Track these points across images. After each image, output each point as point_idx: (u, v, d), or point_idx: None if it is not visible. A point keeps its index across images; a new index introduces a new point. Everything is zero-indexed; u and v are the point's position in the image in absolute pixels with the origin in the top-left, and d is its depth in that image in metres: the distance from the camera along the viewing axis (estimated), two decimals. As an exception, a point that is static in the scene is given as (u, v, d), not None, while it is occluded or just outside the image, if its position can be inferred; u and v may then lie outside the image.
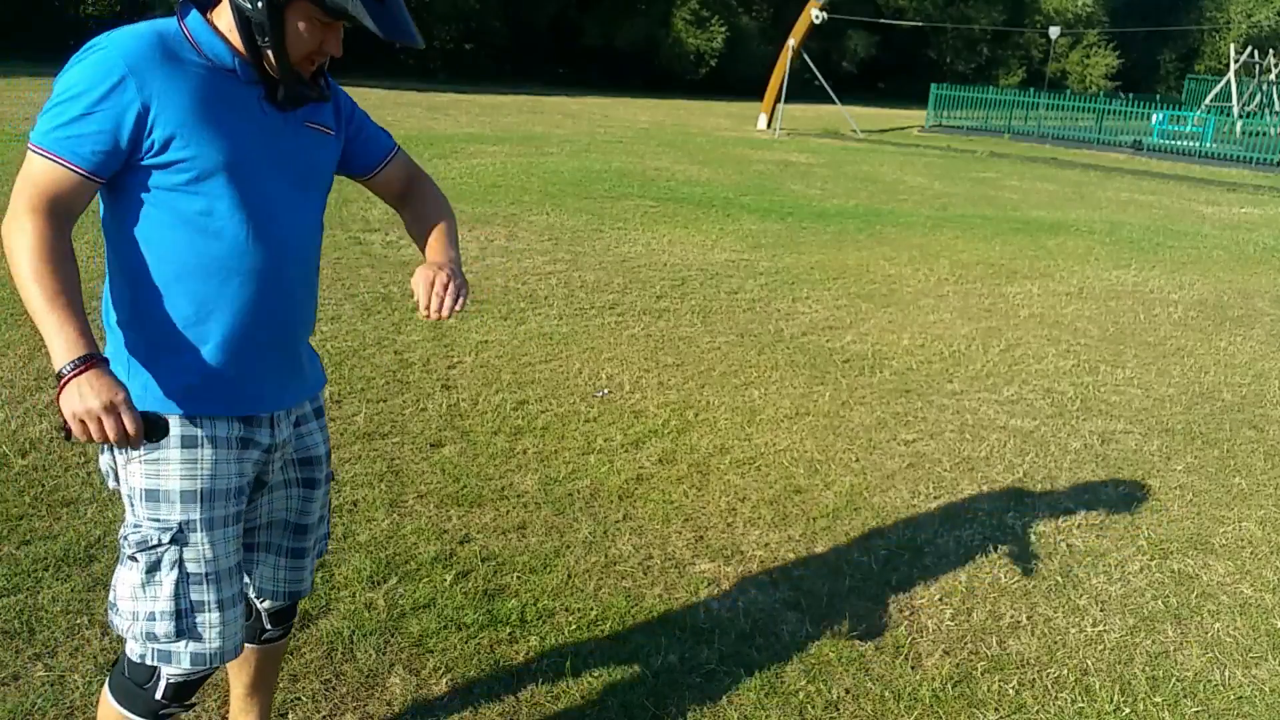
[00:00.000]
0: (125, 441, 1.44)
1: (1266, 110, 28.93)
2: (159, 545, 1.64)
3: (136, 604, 1.66)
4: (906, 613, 2.97)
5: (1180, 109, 25.91)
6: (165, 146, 1.53)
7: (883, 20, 32.95)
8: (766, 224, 9.47)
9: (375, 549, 3.06)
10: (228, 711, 2.24)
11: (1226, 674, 2.77)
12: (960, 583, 3.17)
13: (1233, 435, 4.65)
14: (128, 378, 1.60)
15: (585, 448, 3.97)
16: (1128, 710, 2.59)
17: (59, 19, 27.00)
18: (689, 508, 3.54)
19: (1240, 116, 26.35)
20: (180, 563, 1.64)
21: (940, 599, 3.06)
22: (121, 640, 1.74)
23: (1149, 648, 2.88)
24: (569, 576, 3.02)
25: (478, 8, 30.78)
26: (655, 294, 6.44)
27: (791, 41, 22.04)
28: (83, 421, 1.41)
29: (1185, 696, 2.66)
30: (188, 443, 1.64)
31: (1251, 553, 3.51)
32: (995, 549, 3.40)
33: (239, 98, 1.61)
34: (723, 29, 33.79)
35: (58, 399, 1.42)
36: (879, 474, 3.95)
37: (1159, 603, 3.13)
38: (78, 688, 2.34)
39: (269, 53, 1.57)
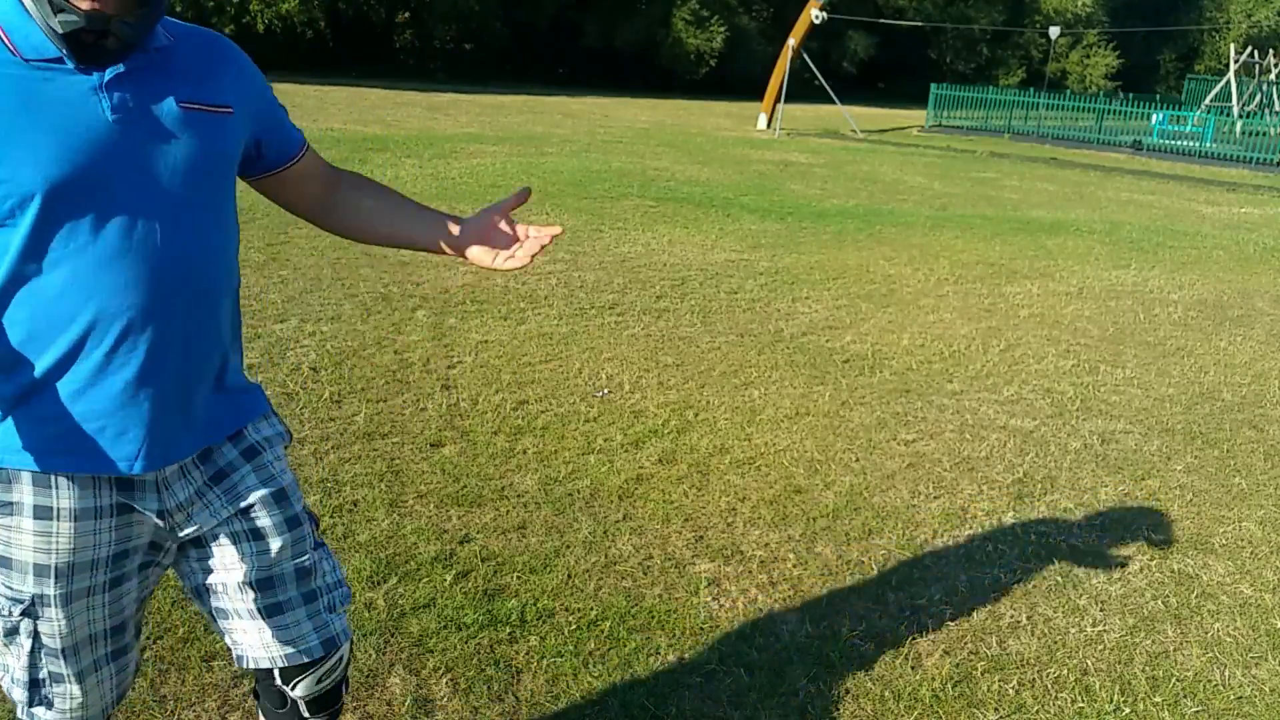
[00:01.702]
0: None
1: (1266, 110, 28.94)
2: (10, 615, 1.46)
3: (2, 657, 1.51)
4: (906, 613, 2.97)
5: (1180, 109, 25.91)
6: None
7: (883, 20, 32.97)
8: (766, 224, 9.47)
9: (375, 549, 3.06)
10: (230, 715, 2.24)
11: (1226, 674, 2.78)
12: (960, 583, 3.17)
13: (1233, 435, 4.65)
14: None
15: (585, 448, 3.97)
16: (1128, 710, 2.59)
17: (59, 19, 26.91)
18: (689, 508, 3.54)
19: (1240, 116, 26.35)
20: (35, 634, 1.46)
21: (940, 599, 3.06)
22: None
23: (1149, 648, 2.88)
24: (569, 576, 3.02)
25: (477, 8, 30.78)
26: (655, 294, 6.45)
27: (791, 41, 22.05)
28: None
29: (1185, 696, 2.66)
30: (41, 513, 1.39)
31: (1251, 553, 3.51)
32: (995, 549, 3.40)
33: (69, 94, 1.27)
34: (723, 29, 33.80)
35: None
36: (879, 474, 3.95)
37: (1159, 603, 3.13)
38: (78, 688, 2.34)
39: None
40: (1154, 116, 24.28)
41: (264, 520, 1.55)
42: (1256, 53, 30.24)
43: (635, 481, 3.70)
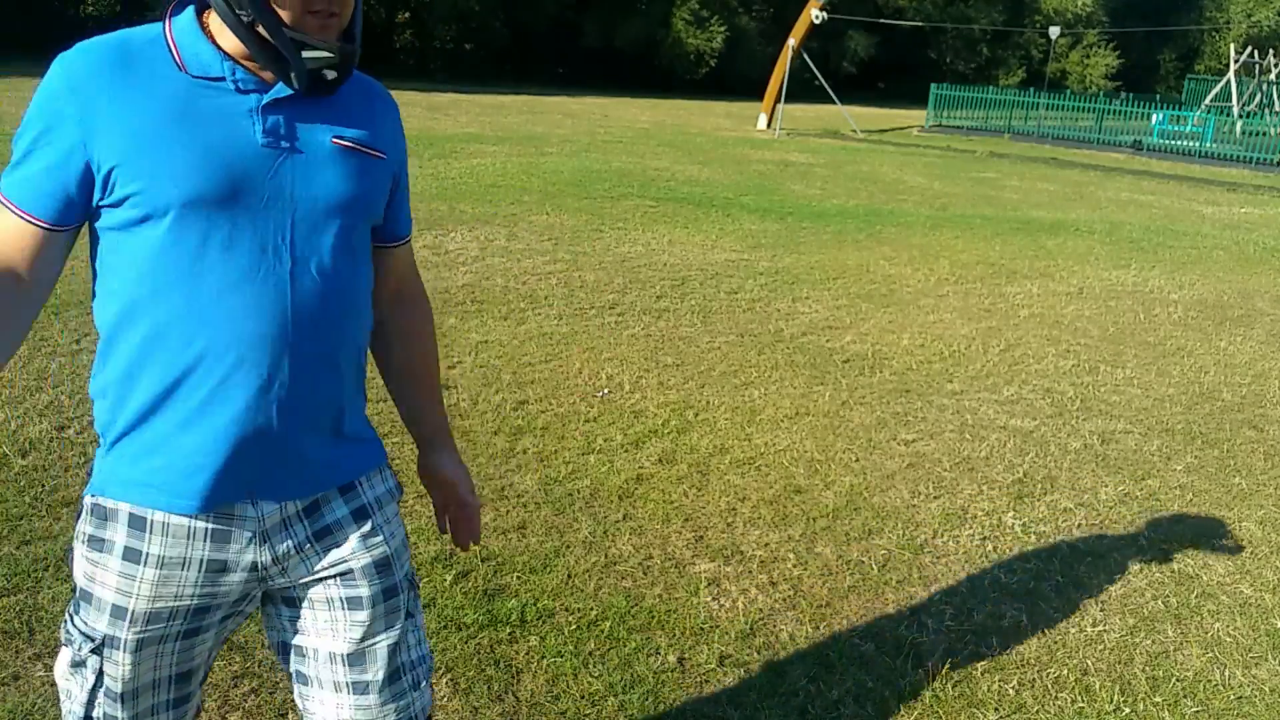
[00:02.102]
0: None
1: (1266, 110, 28.94)
2: (80, 649, 1.41)
3: (66, 683, 1.46)
4: (906, 613, 2.97)
5: (1180, 109, 25.91)
6: (113, 182, 1.25)
7: (883, 20, 32.97)
8: (766, 224, 9.47)
9: (375, 549, 3.06)
10: (230, 715, 2.24)
11: (1226, 674, 2.78)
12: (960, 583, 3.17)
13: (1233, 435, 4.65)
14: (100, 453, 1.39)
15: (585, 448, 3.97)
16: (1128, 710, 2.59)
17: (59, 19, 27.03)
18: (689, 508, 3.54)
19: (1240, 116, 26.35)
20: (100, 673, 1.41)
21: (940, 599, 3.06)
22: None
23: (1149, 648, 2.88)
24: (569, 576, 3.02)
25: (477, 8, 30.79)
26: (655, 294, 6.44)
27: (791, 41, 22.05)
28: None
29: (1185, 696, 2.66)
30: (129, 555, 1.35)
31: (1251, 553, 3.51)
32: (995, 549, 3.40)
33: (224, 113, 1.27)
34: (723, 29, 33.79)
35: None
36: (879, 474, 3.95)
37: (1159, 603, 3.13)
38: (78, 688, 2.34)
39: (259, 27, 1.24)
40: (1154, 116, 24.28)
41: (362, 589, 1.46)
42: (1256, 53, 30.25)
43: (635, 481, 3.70)
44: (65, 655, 1.44)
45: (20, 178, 1.27)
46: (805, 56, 22.38)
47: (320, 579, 1.45)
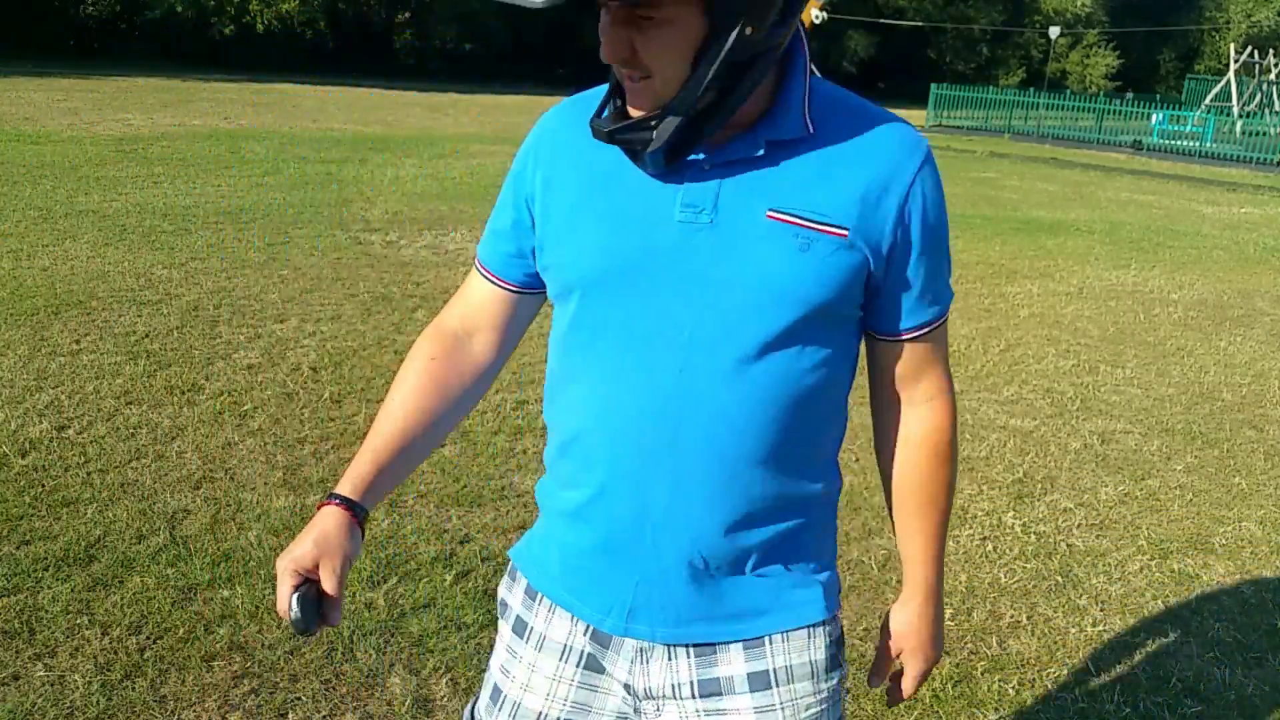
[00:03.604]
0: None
1: (1266, 110, 28.95)
2: None
3: None
4: (906, 613, 2.97)
5: (1180, 109, 25.92)
6: (540, 249, 1.17)
7: (883, 20, 33.00)
8: (766, 224, 9.46)
9: (375, 549, 3.06)
10: (230, 715, 2.23)
11: (1226, 674, 2.77)
12: (960, 583, 3.17)
13: (1233, 435, 4.65)
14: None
15: (585, 448, 3.96)
16: (1128, 710, 2.59)
17: (59, 19, 27.03)
18: (689, 508, 3.53)
19: (1240, 116, 26.36)
20: None
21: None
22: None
23: (1149, 648, 2.88)
24: (569, 576, 3.01)
25: (478, 8, 30.81)
26: (655, 294, 6.44)
27: (791, 41, 22.05)
28: None
29: (1185, 696, 2.66)
30: (518, 626, 1.25)
31: (1251, 553, 3.51)
32: (995, 549, 3.40)
33: (648, 180, 1.08)
34: (723, 29, 33.80)
35: None
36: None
37: (1159, 603, 3.13)
38: (78, 688, 2.34)
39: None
40: (1154, 116, 24.29)
41: None
42: (1256, 53, 30.25)
43: (635, 481, 3.70)
44: None
45: (485, 235, 1.26)
46: (805, 56, 22.38)
47: None
